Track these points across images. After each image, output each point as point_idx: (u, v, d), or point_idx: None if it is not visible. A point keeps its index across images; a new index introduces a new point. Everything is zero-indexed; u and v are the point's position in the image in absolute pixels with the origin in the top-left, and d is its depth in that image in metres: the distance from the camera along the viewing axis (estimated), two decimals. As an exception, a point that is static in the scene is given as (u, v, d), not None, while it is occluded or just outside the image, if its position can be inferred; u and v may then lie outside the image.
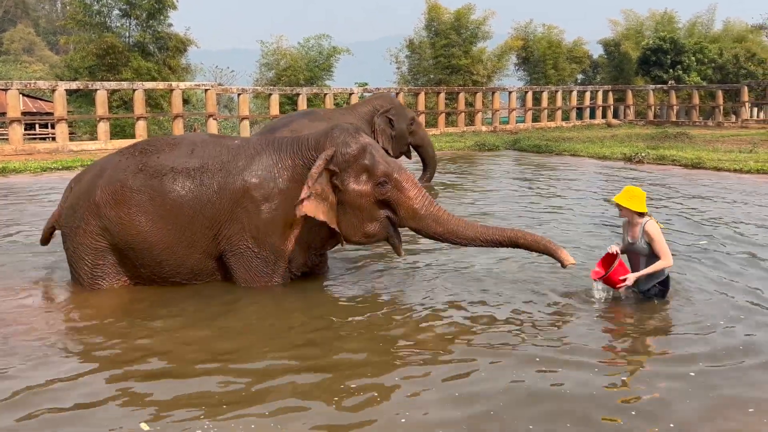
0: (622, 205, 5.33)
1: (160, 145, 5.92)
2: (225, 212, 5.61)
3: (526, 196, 11.20)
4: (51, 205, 10.33)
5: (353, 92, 25.57)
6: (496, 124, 29.52)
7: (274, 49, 30.18)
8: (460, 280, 6.08)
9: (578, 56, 38.23)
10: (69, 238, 5.87)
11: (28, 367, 4.28)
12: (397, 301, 5.62)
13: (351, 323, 5.09)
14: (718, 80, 35.68)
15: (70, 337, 4.88)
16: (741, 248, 7.22)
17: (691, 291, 5.67)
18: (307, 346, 4.62)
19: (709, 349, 4.46)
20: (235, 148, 5.81)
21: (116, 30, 26.09)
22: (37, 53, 59.86)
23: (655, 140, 21.47)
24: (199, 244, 5.68)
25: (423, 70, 33.79)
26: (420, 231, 5.75)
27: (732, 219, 8.87)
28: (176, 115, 21.29)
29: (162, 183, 5.61)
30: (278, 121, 10.01)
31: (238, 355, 4.47)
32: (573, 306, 5.34)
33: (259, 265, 5.70)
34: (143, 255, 5.68)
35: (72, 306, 5.58)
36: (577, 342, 4.60)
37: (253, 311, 5.34)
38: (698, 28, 39.33)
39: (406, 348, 4.61)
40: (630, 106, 33.69)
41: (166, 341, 4.74)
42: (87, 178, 5.96)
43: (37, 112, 32.50)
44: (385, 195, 5.60)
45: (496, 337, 4.70)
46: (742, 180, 12.66)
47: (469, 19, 32.73)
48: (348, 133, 5.71)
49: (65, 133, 19.65)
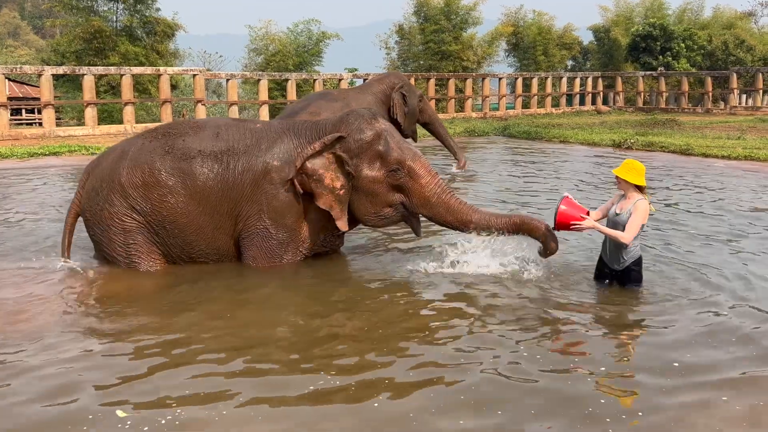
0: (621, 177, 5.27)
1: (184, 128, 5.99)
2: (246, 193, 5.70)
3: (514, 180, 11.19)
4: (39, 189, 10.29)
5: (343, 78, 25.43)
6: (486, 110, 29.47)
7: (262, 34, 29.97)
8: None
9: (568, 43, 38.15)
10: (93, 222, 5.89)
11: (27, 351, 4.28)
12: (417, 289, 5.59)
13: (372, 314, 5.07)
14: (708, 67, 35.71)
15: (94, 320, 4.91)
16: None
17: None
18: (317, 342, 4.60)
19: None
20: (258, 132, 5.90)
21: (103, 14, 25.81)
22: (23, 37, 59.33)
23: (644, 127, 21.50)
24: (226, 225, 5.78)
25: (413, 56, 33.65)
26: (432, 218, 5.83)
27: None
28: (164, 101, 21.13)
29: (191, 165, 5.68)
30: (296, 105, 10.17)
31: (253, 348, 4.42)
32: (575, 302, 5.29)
33: (273, 246, 5.78)
34: (173, 235, 5.75)
35: (97, 284, 5.67)
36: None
37: (268, 297, 5.38)
38: (688, 14, 39.31)
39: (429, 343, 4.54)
40: (619, 93, 33.69)
41: (184, 327, 4.74)
42: (107, 162, 5.98)
43: (24, 97, 32.16)
44: (398, 182, 5.70)
45: (506, 333, 4.68)
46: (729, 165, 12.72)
47: (459, 5, 32.57)
48: (363, 119, 5.78)
49: (52, 119, 19.47)
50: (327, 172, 5.67)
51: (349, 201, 5.80)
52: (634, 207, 5.20)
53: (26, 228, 7.72)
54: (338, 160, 5.70)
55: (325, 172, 5.67)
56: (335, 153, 5.68)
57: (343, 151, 5.68)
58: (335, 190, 5.68)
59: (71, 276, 5.86)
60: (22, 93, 32.56)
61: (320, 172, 5.65)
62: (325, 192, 5.67)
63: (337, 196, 5.70)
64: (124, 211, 5.71)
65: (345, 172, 5.69)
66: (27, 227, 7.77)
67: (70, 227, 6.14)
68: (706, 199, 9.48)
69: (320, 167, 5.66)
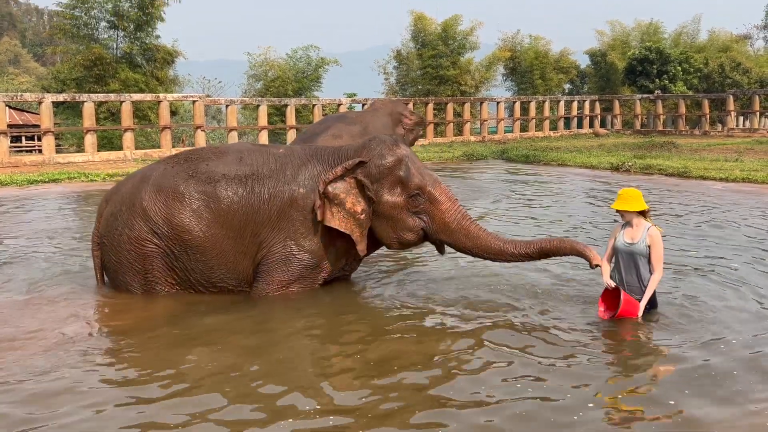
0: (623, 210, 5.28)
1: (207, 153, 6.03)
2: (272, 220, 5.72)
3: (515, 205, 11.21)
4: (40, 217, 10.30)
5: (342, 103, 25.57)
6: (485, 134, 29.60)
7: (261, 60, 30.17)
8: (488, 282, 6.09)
9: (565, 66, 38.44)
10: (111, 247, 5.86)
11: (29, 379, 4.26)
12: (438, 310, 5.60)
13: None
14: (704, 89, 35.94)
15: (107, 347, 4.90)
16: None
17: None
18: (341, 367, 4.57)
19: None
20: (282, 157, 5.93)
21: (104, 41, 26.01)
22: (24, 65, 59.72)
23: (642, 149, 21.58)
24: (249, 250, 5.77)
25: (411, 81, 33.87)
26: (451, 245, 5.85)
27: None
28: (164, 127, 21.23)
29: (216, 189, 5.70)
30: (315, 127, 10.44)
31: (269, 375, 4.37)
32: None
33: (297, 270, 5.77)
34: (195, 259, 5.72)
35: (103, 314, 5.64)
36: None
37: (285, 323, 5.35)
38: (684, 38, 39.64)
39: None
40: (617, 116, 33.87)
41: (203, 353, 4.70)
42: (126, 187, 5.99)
43: (24, 124, 32.28)
44: (418, 207, 5.75)
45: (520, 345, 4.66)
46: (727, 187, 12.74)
47: (456, 30, 32.85)
48: (385, 145, 5.82)
49: (52, 146, 19.54)
50: (348, 197, 5.69)
51: (369, 226, 5.82)
52: (649, 237, 5.21)
53: (28, 257, 7.70)
54: (359, 185, 5.73)
55: (347, 197, 5.69)
56: (356, 178, 5.72)
57: (364, 176, 5.71)
58: (356, 214, 5.70)
59: (81, 305, 5.81)
60: (22, 120, 32.69)
61: (342, 196, 5.67)
62: (346, 216, 5.69)
63: (357, 221, 5.72)
64: (144, 236, 5.67)
65: (366, 196, 5.73)
66: (28, 256, 7.74)
67: (96, 258, 6.10)
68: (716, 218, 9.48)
69: (342, 191, 5.68)
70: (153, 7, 25.82)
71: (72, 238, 8.74)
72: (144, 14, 25.75)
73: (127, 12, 25.46)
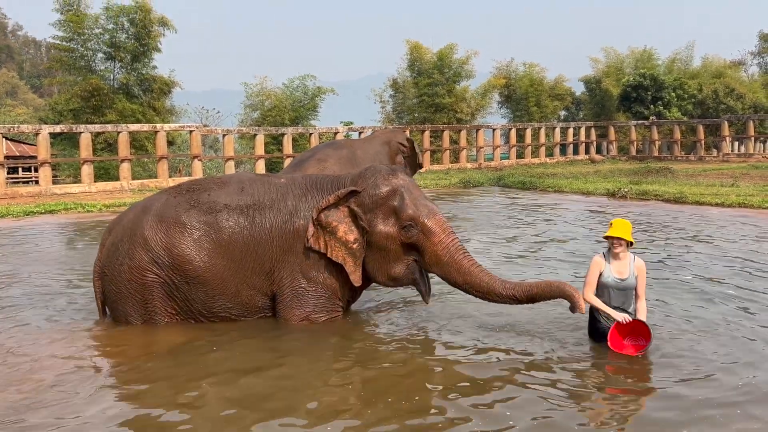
0: (621, 237, 5.16)
1: (207, 184, 6.03)
2: (277, 254, 5.69)
3: (511, 233, 11.19)
4: (36, 248, 10.26)
5: (338, 131, 25.67)
6: (481, 161, 29.69)
7: (258, 90, 30.33)
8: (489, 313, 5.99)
9: (560, 93, 38.69)
10: (112, 277, 5.82)
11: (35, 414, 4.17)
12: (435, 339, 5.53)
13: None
14: (699, 115, 36.14)
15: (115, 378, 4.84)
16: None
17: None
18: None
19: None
20: (283, 187, 5.93)
21: (101, 72, 26.14)
22: (21, 96, 59.94)
23: (638, 175, 21.64)
24: (251, 280, 5.72)
25: (407, 109, 34.06)
26: (443, 278, 5.70)
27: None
28: (161, 157, 21.28)
29: (217, 219, 5.69)
30: (305, 153, 10.46)
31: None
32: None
33: (313, 302, 5.72)
34: (196, 289, 5.68)
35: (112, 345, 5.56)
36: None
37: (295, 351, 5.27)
38: (677, 64, 39.96)
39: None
40: (612, 142, 34.02)
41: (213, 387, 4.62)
42: (128, 217, 5.99)
43: (21, 155, 32.35)
44: (411, 239, 5.62)
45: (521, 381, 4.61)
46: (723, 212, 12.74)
47: (451, 59, 33.11)
48: (380, 175, 5.77)
49: (48, 177, 19.55)
50: (340, 225, 5.64)
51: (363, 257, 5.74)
52: (637, 269, 5.22)
53: (24, 288, 7.64)
54: (352, 214, 5.68)
55: (339, 225, 5.64)
56: (349, 207, 5.67)
57: (357, 205, 5.66)
58: (348, 243, 5.64)
59: (79, 337, 5.75)
60: (19, 151, 32.77)
61: (333, 224, 5.63)
62: (338, 245, 5.64)
63: (350, 250, 5.65)
64: (145, 266, 5.64)
65: (359, 226, 5.66)
66: (24, 287, 7.68)
67: (97, 288, 6.05)
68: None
69: (334, 219, 5.64)
70: (149, 38, 26.01)
71: (69, 269, 8.68)
72: (140, 45, 25.92)
73: (123, 43, 25.62)
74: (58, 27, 25.40)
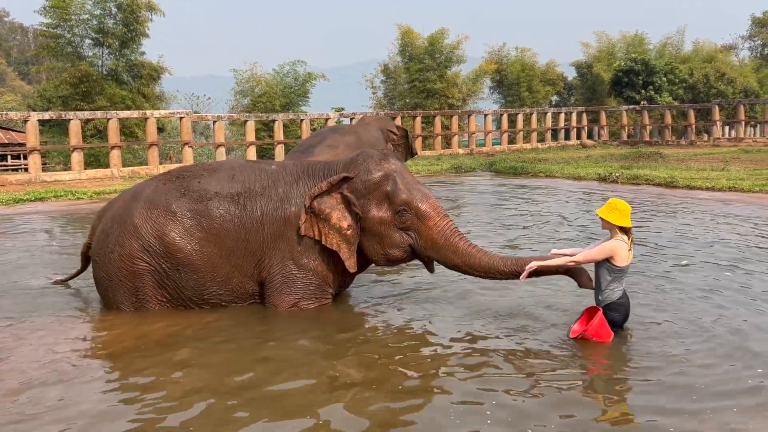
0: (603, 217, 5.03)
1: (198, 170, 5.99)
2: (268, 241, 5.68)
3: (501, 217, 11.19)
4: (26, 236, 10.20)
5: (330, 117, 25.59)
6: (473, 146, 29.67)
7: (248, 76, 30.17)
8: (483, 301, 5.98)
9: (552, 78, 38.67)
10: (101, 264, 5.82)
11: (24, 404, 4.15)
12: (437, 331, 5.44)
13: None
14: (690, 100, 36.20)
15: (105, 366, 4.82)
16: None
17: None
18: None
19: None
20: (274, 174, 5.90)
21: (89, 59, 25.94)
22: (9, 83, 59.47)
23: (629, 160, 21.67)
24: (243, 267, 5.71)
25: (399, 95, 33.98)
26: (440, 261, 5.71)
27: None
28: (151, 144, 21.17)
29: (208, 207, 5.66)
30: (311, 139, 10.47)
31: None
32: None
33: (300, 289, 5.71)
34: (187, 277, 5.67)
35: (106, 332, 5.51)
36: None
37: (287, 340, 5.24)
38: (669, 49, 39.98)
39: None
40: (604, 127, 34.04)
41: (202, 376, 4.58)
42: (119, 204, 5.97)
43: (9, 143, 32.10)
44: (405, 223, 5.64)
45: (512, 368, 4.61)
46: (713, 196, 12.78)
47: (442, 44, 33.01)
48: (372, 160, 5.75)
49: (38, 164, 19.42)
50: (333, 212, 5.62)
51: (358, 242, 5.74)
52: (605, 242, 5.07)
53: (14, 277, 7.58)
54: (345, 201, 5.67)
55: (332, 212, 5.62)
56: (342, 193, 5.66)
57: (350, 191, 5.65)
58: (342, 230, 5.63)
59: (73, 326, 5.70)
60: (8, 139, 32.51)
61: (327, 211, 5.62)
62: (332, 232, 5.63)
63: (344, 236, 5.65)
64: (135, 253, 5.62)
65: (352, 212, 5.65)
66: (14, 276, 7.62)
67: (81, 268, 6.33)
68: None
69: (327, 206, 5.63)
70: (137, 23, 25.83)
71: (58, 256, 8.65)
72: (129, 31, 25.74)
73: (111, 29, 25.42)
74: (43, 14, 25.14)
